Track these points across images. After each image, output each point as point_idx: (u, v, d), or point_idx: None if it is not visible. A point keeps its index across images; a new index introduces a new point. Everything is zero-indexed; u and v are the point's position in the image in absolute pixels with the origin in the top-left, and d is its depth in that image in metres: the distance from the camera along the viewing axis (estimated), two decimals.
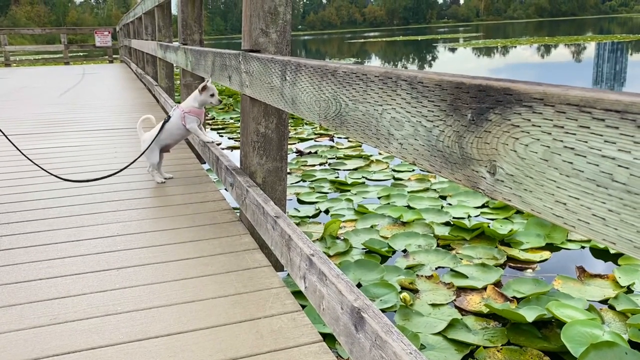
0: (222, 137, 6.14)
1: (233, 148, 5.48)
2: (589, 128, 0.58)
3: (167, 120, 2.76)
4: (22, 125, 4.98)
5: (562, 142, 0.62)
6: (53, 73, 13.15)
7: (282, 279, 1.73)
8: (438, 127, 0.86)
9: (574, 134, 0.61)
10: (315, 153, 5.18)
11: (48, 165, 3.26)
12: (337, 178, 4.22)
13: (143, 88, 8.43)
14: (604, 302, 2.27)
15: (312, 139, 5.92)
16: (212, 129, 6.60)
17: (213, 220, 2.26)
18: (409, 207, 3.48)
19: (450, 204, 3.52)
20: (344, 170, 4.50)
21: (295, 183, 4.16)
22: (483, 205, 3.47)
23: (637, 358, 1.80)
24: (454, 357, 1.91)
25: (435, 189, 3.85)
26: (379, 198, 3.70)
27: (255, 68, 1.93)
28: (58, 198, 2.60)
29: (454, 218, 3.24)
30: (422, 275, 2.51)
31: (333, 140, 5.79)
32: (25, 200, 2.59)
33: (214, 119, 7.37)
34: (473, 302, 2.27)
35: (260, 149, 2.16)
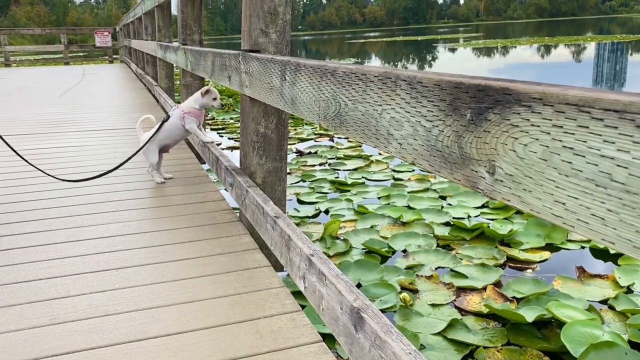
0: (222, 137, 6.14)
1: (233, 148, 5.48)
2: (588, 128, 0.58)
3: (165, 120, 2.76)
4: (22, 126, 4.98)
5: (561, 141, 0.62)
6: (53, 73, 13.15)
7: (281, 279, 1.73)
8: (437, 127, 0.86)
9: (573, 134, 0.61)
10: (315, 153, 5.18)
11: (48, 166, 3.26)
12: (337, 178, 4.22)
13: (143, 88, 8.43)
14: (604, 302, 2.27)
15: (312, 139, 5.92)
16: (212, 129, 6.60)
17: (213, 221, 2.26)
18: (409, 207, 3.48)
19: (450, 204, 3.52)
20: (344, 171, 4.50)
21: (295, 183, 4.16)
22: (483, 206, 3.47)
23: (637, 358, 1.80)
24: (454, 357, 1.91)
25: (435, 189, 3.85)
26: (379, 198, 3.70)
27: (255, 68, 1.93)
28: (58, 198, 2.60)
29: (454, 218, 3.24)
30: (422, 276, 2.51)
31: (333, 141, 5.79)
32: (25, 201, 2.59)
33: (214, 119, 7.37)
34: (473, 302, 2.27)
35: (260, 149, 2.16)
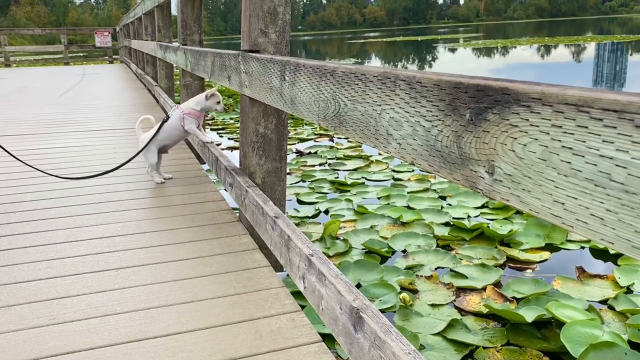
0: (221, 137, 6.14)
1: (233, 148, 5.48)
2: (587, 128, 0.58)
3: (165, 121, 2.76)
4: (22, 126, 4.98)
5: (560, 141, 0.62)
6: (53, 73, 13.15)
7: (281, 279, 1.73)
8: (437, 127, 0.86)
9: (572, 134, 0.60)
10: (315, 153, 5.18)
11: (48, 166, 3.26)
12: (336, 178, 4.22)
13: (143, 88, 8.43)
14: (604, 302, 2.27)
15: (311, 139, 5.91)
16: (212, 130, 6.60)
17: (212, 221, 2.26)
18: (409, 207, 3.48)
19: (450, 204, 3.52)
20: (344, 171, 4.50)
21: (295, 183, 4.16)
22: (483, 206, 3.47)
23: (636, 358, 1.80)
24: (454, 357, 1.91)
25: (435, 189, 3.85)
26: (379, 198, 3.70)
27: (255, 68, 1.93)
28: (57, 198, 2.60)
29: (454, 218, 3.24)
30: (421, 276, 2.51)
31: (333, 141, 5.79)
32: (25, 201, 2.59)
33: (214, 120, 7.37)
34: (473, 302, 2.27)
35: (260, 149, 2.16)
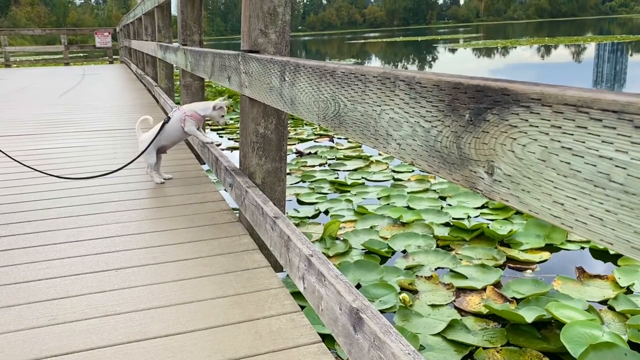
0: (221, 137, 6.15)
1: (233, 149, 5.49)
2: (587, 128, 0.58)
3: (167, 122, 2.75)
4: (22, 126, 4.98)
5: (559, 142, 0.62)
6: (53, 74, 13.15)
7: (281, 280, 1.73)
8: (436, 127, 0.86)
9: (572, 135, 0.60)
10: (315, 154, 5.18)
11: (48, 166, 3.26)
12: (336, 179, 4.22)
13: (143, 89, 8.43)
14: (604, 302, 2.27)
15: (311, 140, 5.92)
16: (212, 130, 6.60)
17: (212, 221, 2.26)
18: (409, 207, 3.48)
19: (450, 205, 3.52)
20: (344, 171, 4.50)
21: (295, 184, 4.16)
22: (483, 206, 3.47)
23: (636, 359, 1.80)
24: (454, 357, 1.91)
25: (435, 190, 3.85)
26: (379, 199, 3.70)
27: (255, 69, 1.93)
28: (58, 199, 2.60)
29: (454, 219, 3.24)
30: (421, 276, 2.51)
31: (333, 141, 5.79)
32: (25, 201, 2.59)
33: None
34: (472, 302, 2.27)
35: (260, 150, 2.16)
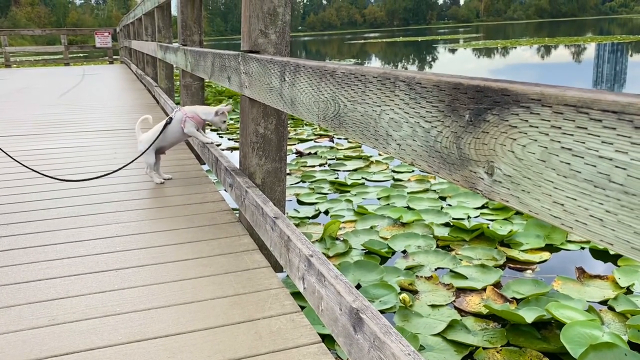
0: (221, 137, 6.15)
1: (233, 149, 5.49)
2: (587, 129, 0.58)
3: (169, 123, 2.73)
4: (22, 126, 4.98)
5: (559, 143, 0.62)
6: (53, 74, 13.15)
7: (281, 280, 1.73)
8: (436, 127, 0.86)
9: (572, 135, 0.60)
10: (315, 154, 5.18)
11: (48, 166, 3.26)
12: (336, 179, 4.22)
13: (143, 89, 8.43)
14: (604, 303, 2.27)
15: (312, 140, 5.92)
16: (211, 130, 6.59)
17: (212, 221, 2.26)
18: (409, 208, 3.47)
19: (450, 205, 3.52)
20: (344, 171, 4.50)
21: (295, 184, 4.16)
22: (483, 206, 3.47)
23: (636, 359, 1.80)
24: (453, 358, 1.91)
25: (435, 190, 3.85)
26: (379, 199, 3.70)
27: (255, 69, 1.93)
28: (58, 199, 2.60)
29: (454, 219, 3.24)
30: (421, 276, 2.51)
31: (333, 141, 5.79)
32: (25, 201, 2.59)
33: None
34: (472, 303, 2.27)
35: (260, 150, 2.16)
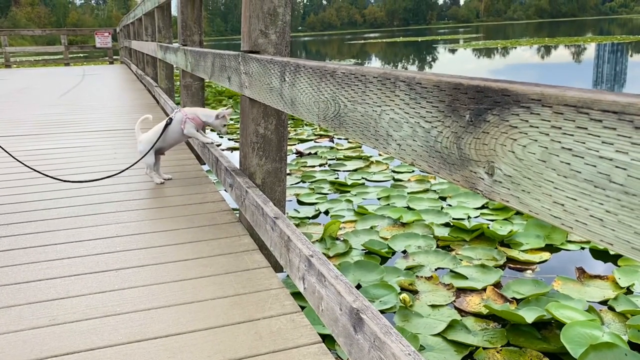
0: (221, 138, 6.14)
1: (233, 149, 5.49)
2: (587, 129, 0.58)
3: (169, 123, 2.73)
4: (22, 126, 4.98)
5: (559, 143, 0.62)
6: (53, 74, 13.15)
7: (281, 280, 1.73)
8: (436, 128, 0.86)
9: (572, 135, 0.60)
10: (315, 154, 5.18)
11: (48, 166, 3.26)
12: (337, 179, 4.22)
13: (143, 89, 8.43)
14: (604, 303, 2.27)
15: (312, 140, 5.92)
16: (211, 130, 6.59)
17: (212, 221, 2.26)
18: (409, 208, 3.48)
19: (450, 205, 3.52)
20: (344, 171, 4.50)
21: (295, 184, 4.16)
22: (483, 206, 3.47)
23: (636, 359, 1.80)
24: (454, 358, 1.91)
25: (435, 190, 3.85)
26: (379, 199, 3.70)
27: (255, 69, 1.93)
28: (58, 199, 2.60)
29: (454, 219, 3.24)
30: (421, 276, 2.51)
31: (333, 142, 5.79)
32: (25, 202, 2.59)
33: None
34: (473, 303, 2.27)
35: (260, 150, 2.16)
